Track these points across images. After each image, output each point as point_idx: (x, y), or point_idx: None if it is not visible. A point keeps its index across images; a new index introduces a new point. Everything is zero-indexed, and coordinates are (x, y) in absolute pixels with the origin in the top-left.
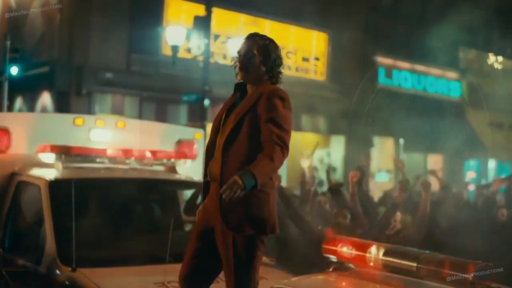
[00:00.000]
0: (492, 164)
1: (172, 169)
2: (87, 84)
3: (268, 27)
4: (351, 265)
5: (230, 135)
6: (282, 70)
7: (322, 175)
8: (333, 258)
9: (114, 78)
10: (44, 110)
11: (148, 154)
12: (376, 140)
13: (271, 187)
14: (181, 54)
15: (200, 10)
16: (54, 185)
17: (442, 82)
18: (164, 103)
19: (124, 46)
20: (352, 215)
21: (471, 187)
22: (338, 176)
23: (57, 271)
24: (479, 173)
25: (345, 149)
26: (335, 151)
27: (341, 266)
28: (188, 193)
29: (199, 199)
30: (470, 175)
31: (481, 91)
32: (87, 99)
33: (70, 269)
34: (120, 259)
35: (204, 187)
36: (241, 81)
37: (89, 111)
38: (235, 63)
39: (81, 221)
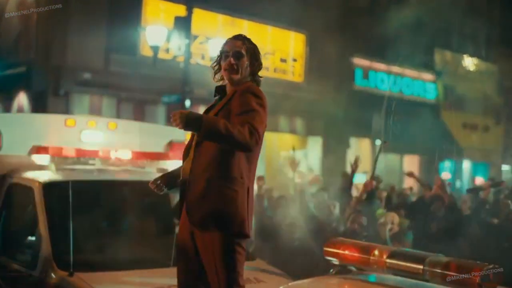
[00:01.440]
0: (466, 165)
1: (165, 171)
2: (65, 84)
3: (246, 28)
4: (352, 268)
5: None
6: (260, 72)
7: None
8: (334, 260)
9: (92, 78)
10: (20, 110)
11: (140, 156)
12: (353, 141)
13: (240, 185)
14: (160, 54)
15: (179, 10)
16: (48, 187)
17: (418, 83)
18: (142, 104)
19: (102, 46)
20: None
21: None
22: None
23: (53, 275)
24: (454, 174)
25: (322, 150)
26: (312, 152)
27: (342, 269)
28: None
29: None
30: (445, 176)
31: (456, 92)
32: (64, 100)
33: (67, 273)
34: (119, 262)
35: (180, 188)
36: (221, 82)
37: (67, 111)
38: (216, 63)
39: (77, 224)
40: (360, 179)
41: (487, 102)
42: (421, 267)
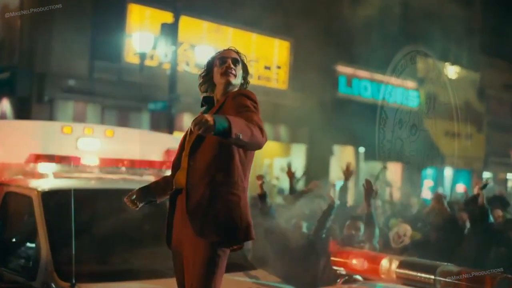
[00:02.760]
0: (448, 172)
1: None
2: (49, 91)
3: (231, 35)
4: (359, 277)
5: (196, 141)
6: None
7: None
8: (341, 270)
9: (76, 85)
10: (3, 117)
11: (138, 164)
12: (336, 148)
13: (241, 189)
14: (145, 61)
15: (163, 17)
16: (47, 195)
17: (401, 91)
18: (126, 111)
19: (87, 52)
20: (367, 227)
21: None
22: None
23: (54, 287)
24: (436, 181)
25: (305, 158)
26: (296, 160)
27: (349, 279)
28: None
29: None
30: (428, 183)
31: (438, 100)
32: (49, 106)
33: (69, 284)
34: (122, 273)
35: (170, 200)
36: (206, 94)
37: (51, 118)
38: (204, 73)
39: (78, 233)
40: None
41: (469, 110)
42: (432, 277)
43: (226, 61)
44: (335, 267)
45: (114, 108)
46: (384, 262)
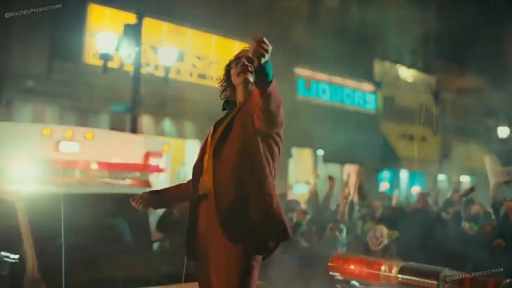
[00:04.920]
0: (404, 174)
1: (146, 183)
2: (7, 92)
3: (191, 37)
4: (355, 283)
5: (219, 141)
6: (204, 81)
7: None
8: (338, 275)
9: (34, 86)
10: None
11: (119, 167)
12: (295, 151)
13: (273, 187)
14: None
15: (125, 17)
16: (32, 200)
17: (359, 94)
18: (85, 113)
19: (46, 53)
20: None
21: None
22: None
23: None
24: (392, 184)
25: None
26: None
27: (346, 285)
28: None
29: (173, 214)
30: (384, 185)
31: (395, 103)
32: (6, 108)
33: None
34: (110, 281)
35: (191, 208)
36: (229, 98)
37: (8, 120)
38: (223, 81)
39: (66, 240)
40: (301, 190)
41: (425, 113)
42: (435, 282)
43: (241, 60)
44: (332, 273)
45: (73, 109)
46: (384, 267)
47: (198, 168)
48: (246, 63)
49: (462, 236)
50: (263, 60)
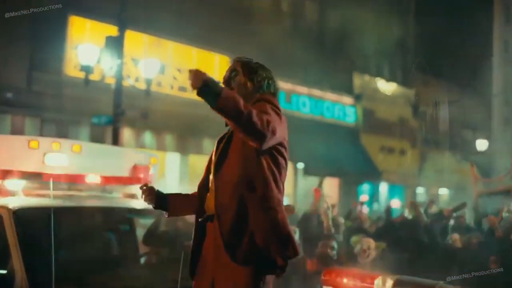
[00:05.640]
0: (383, 187)
1: (133, 196)
2: None
3: (172, 49)
4: None
5: (220, 158)
6: (185, 94)
7: None
8: None
9: (14, 98)
10: None
11: (107, 180)
12: None
13: (278, 203)
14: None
15: (106, 29)
16: (20, 214)
17: (338, 107)
18: (65, 125)
19: (25, 64)
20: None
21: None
22: None
23: None
24: (371, 196)
25: None
26: None
27: None
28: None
29: (160, 228)
30: (363, 198)
31: (375, 116)
32: None
33: None
34: None
35: (197, 228)
36: None
37: None
38: None
39: (56, 254)
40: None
41: (404, 126)
42: None
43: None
44: (325, 287)
45: (53, 122)
46: (378, 281)
47: (203, 187)
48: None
49: (449, 248)
50: (199, 88)
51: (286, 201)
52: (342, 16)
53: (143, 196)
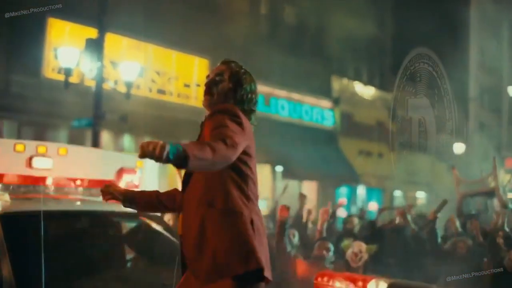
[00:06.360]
0: (361, 190)
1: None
2: None
3: (151, 52)
4: None
5: (186, 175)
6: (164, 97)
7: None
8: None
9: None
10: None
11: (93, 184)
12: None
13: (240, 216)
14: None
15: (85, 32)
16: (7, 218)
17: (317, 110)
18: (43, 128)
19: (3, 67)
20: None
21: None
22: None
23: None
24: (350, 199)
25: None
26: None
27: None
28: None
29: (142, 232)
30: (342, 201)
31: (352, 119)
32: None
33: None
34: None
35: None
36: None
37: None
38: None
39: (47, 260)
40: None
41: (382, 129)
42: None
43: (206, 79)
44: None
45: (31, 124)
46: (371, 285)
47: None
48: (207, 84)
49: (441, 253)
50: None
51: (264, 204)
52: (320, 19)
53: (103, 197)
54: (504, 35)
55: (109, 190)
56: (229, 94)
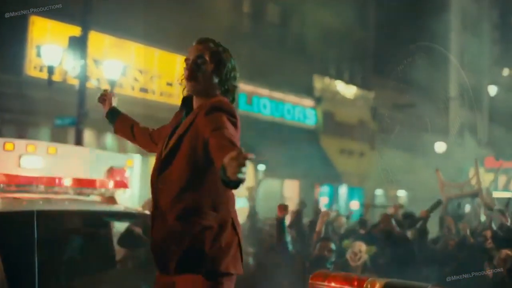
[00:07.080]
0: (343, 189)
1: (112, 199)
2: None
3: (134, 50)
4: None
5: (166, 159)
6: (146, 95)
7: None
8: None
9: None
10: None
11: (83, 183)
12: None
13: (213, 219)
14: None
15: (67, 30)
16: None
17: (299, 109)
18: (25, 126)
19: None
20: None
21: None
22: None
23: None
24: (331, 198)
25: None
26: None
27: None
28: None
29: (136, 231)
30: (323, 200)
31: (334, 118)
32: None
33: None
34: None
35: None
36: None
37: None
38: (182, 76)
39: (40, 261)
40: (241, 204)
41: (363, 128)
42: None
43: (188, 63)
44: None
45: (12, 123)
46: (366, 285)
47: (153, 182)
48: (189, 67)
49: (429, 252)
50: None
51: (245, 203)
52: (303, 19)
53: (100, 96)
54: (484, 34)
55: (106, 96)
56: (213, 76)
